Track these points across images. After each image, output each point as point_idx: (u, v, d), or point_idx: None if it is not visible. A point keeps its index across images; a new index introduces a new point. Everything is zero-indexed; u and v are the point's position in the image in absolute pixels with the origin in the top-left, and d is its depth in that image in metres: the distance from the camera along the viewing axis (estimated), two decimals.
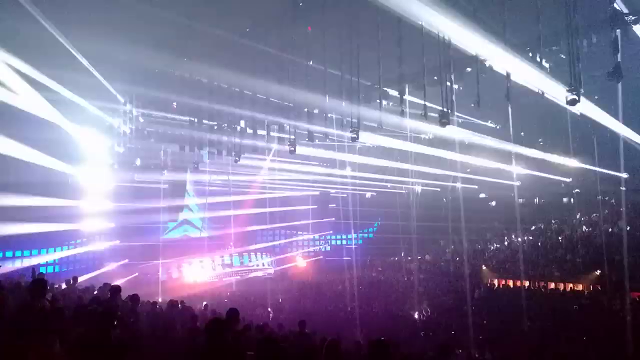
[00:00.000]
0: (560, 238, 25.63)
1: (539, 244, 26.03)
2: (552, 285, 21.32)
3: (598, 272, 20.13)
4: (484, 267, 25.17)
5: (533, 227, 28.41)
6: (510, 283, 23.11)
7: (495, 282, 23.77)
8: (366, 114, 16.50)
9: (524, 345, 13.50)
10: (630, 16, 11.64)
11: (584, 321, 15.08)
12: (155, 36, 15.10)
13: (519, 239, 26.76)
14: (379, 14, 12.81)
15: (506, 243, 28.34)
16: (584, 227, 26.26)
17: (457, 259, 28.00)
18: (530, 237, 27.44)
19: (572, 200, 29.08)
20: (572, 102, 12.17)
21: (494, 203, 33.35)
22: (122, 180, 27.24)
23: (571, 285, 20.70)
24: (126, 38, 14.10)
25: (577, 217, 27.86)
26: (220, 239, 33.38)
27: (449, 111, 14.00)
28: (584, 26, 12.39)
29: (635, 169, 23.88)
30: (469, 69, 14.79)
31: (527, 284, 22.13)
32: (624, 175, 21.94)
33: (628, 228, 21.45)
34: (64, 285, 12.41)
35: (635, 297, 17.04)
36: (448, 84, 14.16)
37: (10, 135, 18.02)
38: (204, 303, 14.87)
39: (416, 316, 19.21)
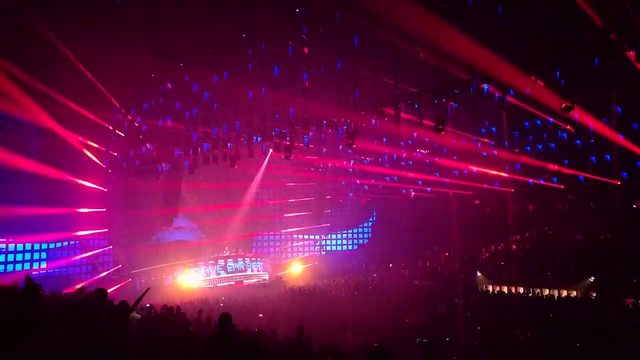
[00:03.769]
0: (553, 245, 25.71)
1: (533, 250, 26.10)
2: (547, 292, 21.39)
3: (592, 278, 20.22)
4: (478, 273, 25.22)
5: (527, 234, 28.51)
6: (505, 289, 23.18)
7: (490, 288, 23.82)
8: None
9: (518, 351, 13.53)
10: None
11: (578, 327, 15.12)
12: (152, 42, 15.12)
13: (513, 246, 26.83)
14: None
15: (500, 249, 28.40)
16: (578, 234, 26.38)
17: (452, 265, 28.04)
18: (524, 244, 27.51)
19: (565, 207, 29.18)
20: (566, 110, 12.33)
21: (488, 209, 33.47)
22: (116, 185, 27.16)
23: (565, 291, 20.77)
24: (123, 44, 14.11)
25: (571, 223, 27.96)
26: (215, 245, 33.31)
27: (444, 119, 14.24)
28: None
29: (628, 176, 24.06)
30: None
31: (521, 290, 22.22)
32: (617, 182, 22.12)
33: (621, 235, 21.58)
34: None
35: (629, 304, 17.12)
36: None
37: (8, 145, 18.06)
38: (198, 309, 14.79)
39: (410, 322, 19.19)
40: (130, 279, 28.61)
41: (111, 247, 29.03)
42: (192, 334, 7.82)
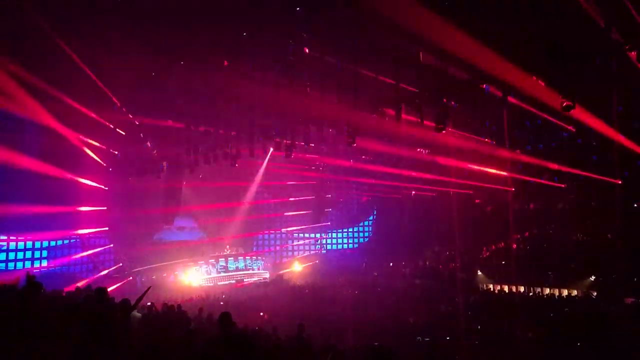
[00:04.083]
0: (554, 244, 25.70)
1: (534, 249, 26.09)
2: (547, 291, 21.39)
3: (592, 278, 20.22)
4: (479, 272, 25.21)
5: (528, 233, 28.50)
6: (506, 288, 23.18)
7: (491, 287, 23.82)
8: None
9: (518, 350, 13.52)
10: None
11: (578, 326, 15.12)
12: (152, 40, 15.09)
13: (514, 245, 26.82)
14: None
15: (501, 248, 28.38)
16: (578, 233, 26.36)
17: (453, 264, 28.03)
18: (525, 243, 27.49)
19: (566, 206, 29.18)
20: (567, 109, 12.30)
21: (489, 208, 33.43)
22: (117, 184, 27.16)
23: (566, 290, 20.77)
24: (124, 42, 14.10)
25: (572, 223, 27.93)
26: (216, 243, 33.33)
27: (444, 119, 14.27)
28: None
29: (630, 175, 24.03)
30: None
31: (522, 289, 22.21)
32: (619, 181, 22.08)
33: (622, 234, 21.56)
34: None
35: (630, 303, 17.12)
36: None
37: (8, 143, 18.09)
38: (199, 307, 14.80)
39: (411, 321, 19.19)
40: (131, 278, 28.65)
41: (112, 245, 29.05)
42: (193, 332, 7.83)
